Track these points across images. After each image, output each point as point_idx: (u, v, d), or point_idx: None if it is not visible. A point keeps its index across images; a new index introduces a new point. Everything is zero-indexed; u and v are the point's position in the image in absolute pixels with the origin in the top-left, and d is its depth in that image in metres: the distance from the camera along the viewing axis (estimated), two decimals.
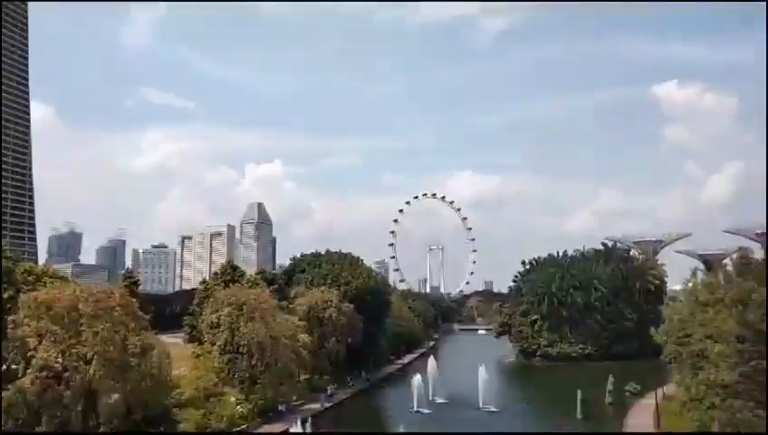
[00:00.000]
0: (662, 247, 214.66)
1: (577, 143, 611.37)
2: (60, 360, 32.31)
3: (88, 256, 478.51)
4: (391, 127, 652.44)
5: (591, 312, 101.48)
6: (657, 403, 46.72)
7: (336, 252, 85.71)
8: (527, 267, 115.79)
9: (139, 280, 56.34)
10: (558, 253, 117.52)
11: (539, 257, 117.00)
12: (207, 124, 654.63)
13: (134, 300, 38.39)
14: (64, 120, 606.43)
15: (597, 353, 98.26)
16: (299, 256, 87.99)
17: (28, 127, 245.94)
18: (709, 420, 30.84)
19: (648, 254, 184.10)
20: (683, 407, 41.26)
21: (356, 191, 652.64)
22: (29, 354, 31.68)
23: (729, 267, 60.82)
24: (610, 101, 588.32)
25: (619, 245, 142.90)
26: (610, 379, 59.09)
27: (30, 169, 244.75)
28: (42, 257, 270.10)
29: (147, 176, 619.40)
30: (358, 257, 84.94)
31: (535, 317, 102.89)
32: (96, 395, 33.44)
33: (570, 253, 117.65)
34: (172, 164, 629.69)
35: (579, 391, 52.05)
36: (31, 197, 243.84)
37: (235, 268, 66.92)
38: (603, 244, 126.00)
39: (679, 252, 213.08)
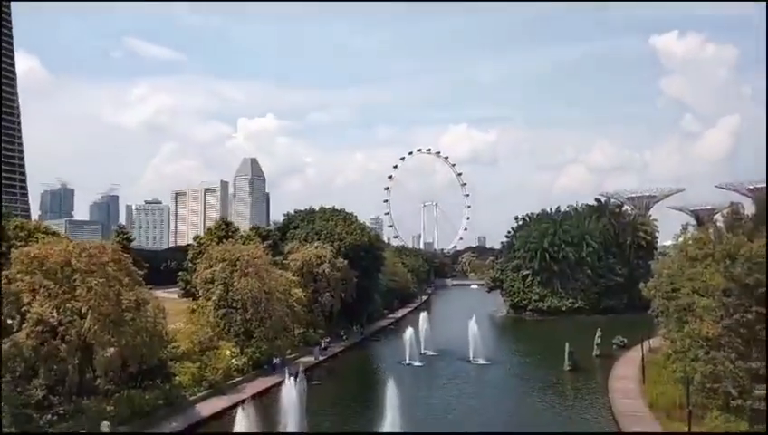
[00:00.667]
0: (655, 203, 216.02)
1: (573, 96, 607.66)
2: (54, 314, 32.52)
3: (81, 212, 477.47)
4: (384, 79, 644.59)
5: (582, 267, 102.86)
6: (642, 356, 47.84)
7: (330, 208, 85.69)
8: (520, 223, 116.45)
9: (131, 235, 56.20)
10: (551, 208, 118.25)
11: (532, 213, 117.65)
12: (197, 77, 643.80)
13: (127, 255, 38.40)
14: (50, 72, 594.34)
15: (587, 307, 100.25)
16: (293, 211, 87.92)
17: (14, 79, 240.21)
18: (692, 371, 31.63)
19: (641, 209, 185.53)
20: (667, 359, 42.38)
21: (349, 145, 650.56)
22: (23, 309, 31.86)
23: (720, 223, 61.63)
24: (608, 53, 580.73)
25: (612, 200, 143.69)
26: (598, 332, 60.36)
27: (19, 122, 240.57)
28: (35, 213, 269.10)
29: (137, 130, 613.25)
30: (351, 213, 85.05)
31: (527, 272, 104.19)
32: (92, 349, 33.83)
33: (563, 208, 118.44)
34: (162, 119, 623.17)
35: (567, 344, 53.21)
36: (21, 151, 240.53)
37: (228, 224, 66.87)
38: (596, 199, 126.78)
39: (672, 208, 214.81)
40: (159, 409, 36.86)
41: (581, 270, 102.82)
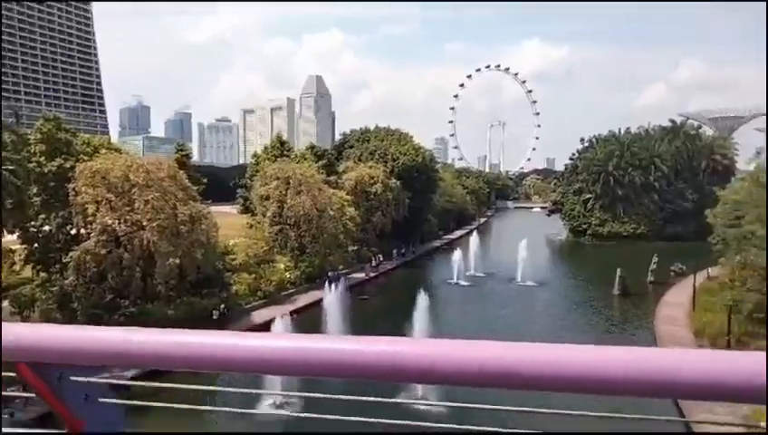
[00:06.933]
0: (741, 125, 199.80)
1: (655, 6, 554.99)
2: (118, 225, 35.18)
3: (158, 129, 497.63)
4: None
5: (649, 192, 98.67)
6: (694, 283, 46.39)
7: (384, 128, 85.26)
8: (586, 145, 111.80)
9: (190, 152, 58.34)
10: (620, 130, 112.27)
11: (599, 134, 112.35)
12: None
13: (182, 172, 40.33)
14: None
15: (650, 233, 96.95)
16: (350, 131, 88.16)
17: (88, 1, 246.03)
18: (742, 299, 30.62)
19: (723, 131, 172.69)
20: (721, 288, 41.03)
21: (416, 61, 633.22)
22: (89, 220, 34.60)
23: None
24: None
25: (689, 121, 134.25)
26: (654, 258, 58.76)
27: (94, 41, 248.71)
28: (114, 130, 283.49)
29: (205, 48, 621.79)
30: (406, 133, 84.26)
31: (588, 196, 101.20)
32: (153, 258, 36.58)
33: (635, 130, 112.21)
34: (229, 36, 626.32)
35: (618, 269, 52.28)
36: (97, 70, 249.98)
37: (283, 143, 68.23)
38: (671, 120, 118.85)
39: (759, 129, 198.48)
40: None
41: (647, 195, 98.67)
